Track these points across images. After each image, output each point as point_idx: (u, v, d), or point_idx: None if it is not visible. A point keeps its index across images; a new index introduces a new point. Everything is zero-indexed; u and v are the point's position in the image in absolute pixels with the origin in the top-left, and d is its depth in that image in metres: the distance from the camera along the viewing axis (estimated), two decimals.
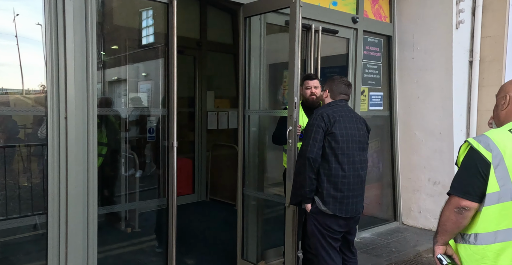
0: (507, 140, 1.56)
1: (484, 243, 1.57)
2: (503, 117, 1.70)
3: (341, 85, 2.75)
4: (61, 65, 2.46)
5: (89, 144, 2.60)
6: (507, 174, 1.52)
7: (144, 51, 4.07)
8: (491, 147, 1.54)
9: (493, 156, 1.52)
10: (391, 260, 3.93)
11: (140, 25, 4.00)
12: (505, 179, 1.52)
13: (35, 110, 2.63)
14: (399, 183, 5.09)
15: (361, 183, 2.69)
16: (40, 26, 2.53)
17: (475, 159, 1.55)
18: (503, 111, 1.70)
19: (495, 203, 1.53)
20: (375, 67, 4.78)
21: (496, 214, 1.54)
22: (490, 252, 1.55)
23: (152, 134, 4.08)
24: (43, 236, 2.59)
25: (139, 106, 4.61)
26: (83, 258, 2.64)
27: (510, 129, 1.60)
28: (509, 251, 1.53)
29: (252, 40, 3.53)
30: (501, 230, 1.54)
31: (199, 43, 5.95)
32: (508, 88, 1.71)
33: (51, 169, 2.48)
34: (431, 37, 4.68)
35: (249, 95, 3.57)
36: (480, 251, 1.57)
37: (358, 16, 4.40)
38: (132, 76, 4.62)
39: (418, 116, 4.87)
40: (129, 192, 4.21)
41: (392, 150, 5.06)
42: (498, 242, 1.54)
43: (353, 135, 2.61)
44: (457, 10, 4.54)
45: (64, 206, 2.53)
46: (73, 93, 2.50)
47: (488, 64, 4.69)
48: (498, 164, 1.52)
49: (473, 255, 1.59)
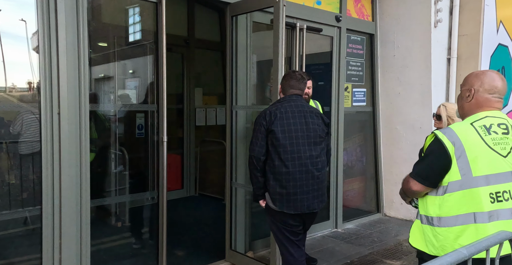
0: (469, 133, 1.69)
1: (446, 225, 1.72)
2: (467, 109, 1.82)
3: (291, 80, 2.68)
4: (53, 62, 2.53)
5: (82, 139, 2.68)
6: (467, 164, 1.66)
7: (133, 48, 4.14)
8: (454, 139, 1.68)
9: (456, 148, 1.67)
10: (372, 249, 4.11)
11: (128, 23, 4.07)
12: (466, 169, 1.67)
13: (29, 107, 2.69)
14: (382, 176, 5.28)
15: (313, 178, 2.57)
16: (24, 22, 2.59)
17: (438, 149, 1.70)
18: (467, 103, 1.82)
19: (457, 190, 1.69)
20: (358, 64, 4.95)
21: (457, 200, 1.69)
22: (451, 233, 1.71)
23: (141, 130, 4.16)
24: (33, 231, 2.69)
25: (127, 103, 4.68)
26: (77, 250, 2.72)
27: (472, 122, 1.73)
28: (467, 233, 1.68)
29: (239, 38, 3.64)
30: (461, 215, 1.69)
31: (187, 41, 6.03)
32: (472, 82, 1.81)
33: (45, 165, 2.56)
34: (411, 35, 4.86)
35: (236, 92, 3.69)
36: (443, 232, 1.73)
37: (342, 15, 4.55)
38: (120, 74, 4.68)
39: (399, 111, 5.06)
40: (119, 187, 4.28)
41: (375, 144, 5.25)
42: (458, 225, 1.70)
43: (298, 130, 2.55)
44: (435, 9, 4.73)
45: (58, 200, 2.61)
46: (66, 89, 2.57)
47: (465, 62, 4.90)
48: (460, 156, 1.66)
49: (437, 236, 1.75)
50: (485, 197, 1.66)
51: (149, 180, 3.94)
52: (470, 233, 1.68)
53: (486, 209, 1.66)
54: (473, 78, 1.82)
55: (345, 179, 4.89)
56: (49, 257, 2.60)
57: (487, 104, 1.77)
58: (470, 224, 1.68)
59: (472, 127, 1.71)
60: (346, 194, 4.92)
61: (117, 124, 4.39)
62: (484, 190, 1.66)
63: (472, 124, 1.72)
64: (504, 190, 1.67)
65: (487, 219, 1.66)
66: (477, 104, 1.78)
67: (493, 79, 1.79)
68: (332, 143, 4.63)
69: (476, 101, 1.78)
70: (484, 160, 1.67)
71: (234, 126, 3.70)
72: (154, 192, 3.29)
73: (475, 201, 1.66)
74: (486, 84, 1.77)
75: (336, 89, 4.62)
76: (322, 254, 3.94)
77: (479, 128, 1.70)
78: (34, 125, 2.61)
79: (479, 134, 1.69)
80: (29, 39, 2.63)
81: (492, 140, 1.68)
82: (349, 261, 3.77)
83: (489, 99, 1.78)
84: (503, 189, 1.67)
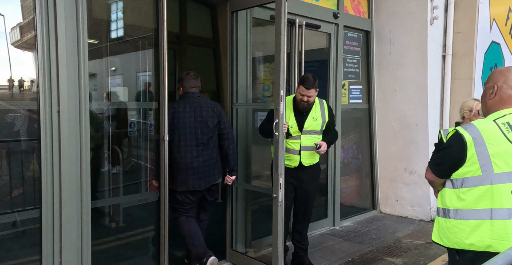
0: (491, 130, 1.69)
1: (462, 218, 1.74)
2: (490, 106, 1.81)
3: (190, 80, 3.21)
4: (52, 59, 2.42)
5: (82, 138, 2.58)
6: (489, 161, 1.67)
7: (132, 45, 4.02)
8: (475, 134, 1.68)
9: (476, 144, 1.67)
10: (372, 246, 4.11)
11: (127, 19, 3.96)
12: (487, 165, 1.67)
13: (27, 105, 2.57)
14: (377, 173, 5.30)
15: (205, 161, 3.14)
16: (2, 16, 2.47)
17: (457, 142, 1.71)
18: (490, 100, 1.80)
19: (477, 185, 1.70)
20: (355, 61, 4.94)
21: (476, 195, 1.71)
22: (467, 227, 1.73)
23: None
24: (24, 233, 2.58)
25: (121, 101, 4.55)
26: (77, 253, 2.62)
27: (495, 119, 1.72)
28: (482, 228, 1.70)
29: (239, 34, 3.58)
30: (479, 209, 1.71)
31: (179, 37, 5.91)
32: (496, 79, 1.78)
33: (44, 164, 2.45)
34: (407, 32, 4.88)
35: (236, 89, 3.62)
36: (459, 225, 1.75)
37: (339, 12, 4.52)
38: (118, 70, 4.56)
39: (395, 108, 5.08)
40: (112, 186, 4.17)
41: (371, 141, 5.26)
42: (474, 219, 1.72)
43: (189, 122, 3.11)
44: (431, 6, 4.75)
45: (58, 201, 2.50)
46: (66, 87, 2.47)
47: (460, 59, 4.94)
48: (481, 152, 1.66)
49: (452, 228, 1.78)
50: (506, 193, 1.66)
51: (146, 179, 3.85)
52: (485, 228, 1.70)
53: (506, 206, 1.66)
54: (497, 74, 1.79)
55: (341, 177, 4.89)
56: (49, 261, 2.50)
57: (511, 101, 1.74)
58: (486, 220, 1.70)
59: (495, 124, 1.70)
60: (342, 191, 4.91)
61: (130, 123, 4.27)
62: (506, 187, 1.66)
63: (495, 121, 1.71)
64: None
65: (507, 215, 1.67)
66: (501, 101, 1.76)
67: None
68: None
69: (500, 98, 1.76)
70: (507, 157, 1.66)
71: (235, 124, 3.63)
72: (153, 192, 3.20)
73: (496, 197, 1.67)
74: (510, 80, 1.74)
75: (333, 87, 4.60)
76: (322, 252, 3.92)
77: (502, 126, 1.69)
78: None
79: (502, 131, 1.67)
80: (8, 34, 2.51)
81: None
82: (350, 259, 3.76)
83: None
84: None
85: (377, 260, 3.74)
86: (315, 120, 3.33)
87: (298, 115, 3.31)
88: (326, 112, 3.40)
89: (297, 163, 3.32)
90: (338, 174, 4.71)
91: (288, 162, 3.29)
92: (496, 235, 1.68)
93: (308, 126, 3.31)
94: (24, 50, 2.72)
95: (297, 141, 3.29)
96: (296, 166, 3.33)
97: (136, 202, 3.92)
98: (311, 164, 3.38)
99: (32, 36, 2.49)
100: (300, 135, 3.29)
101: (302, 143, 3.29)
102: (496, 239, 1.68)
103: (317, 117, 3.33)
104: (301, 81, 3.25)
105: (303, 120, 3.30)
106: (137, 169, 4.25)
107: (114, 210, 4.06)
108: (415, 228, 4.69)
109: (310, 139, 3.30)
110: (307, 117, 3.31)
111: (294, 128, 3.28)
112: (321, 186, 4.76)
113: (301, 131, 3.29)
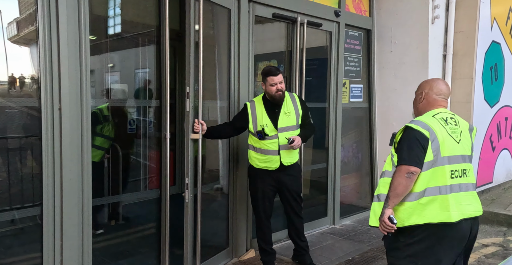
0: (435, 123, 2.09)
1: (415, 199, 2.04)
2: (420, 109, 2.25)
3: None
4: (54, 55, 2.40)
5: (83, 135, 2.56)
6: (438, 147, 2.04)
7: (131, 42, 4.00)
8: (427, 127, 2.04)
9: (430, 134, 2.03)
10: (372, 245, 4.12)
11: (130, 16, 3.94)
12: (437, 151, 2.04)
13: (28, 102, 2.55)
14: (377, 172, 5.30)
15: None
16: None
17: (417, 136, 2.02)
18: (420, 104, 2.25)
19: (429, 168, 2.04)
20: (356, 60, 4.93)
21: (428, 177, 2.04)
22: (419, 205, 2.04)
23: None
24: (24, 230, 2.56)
25: (123, 98, 4.54)
26: (78, 251, 2.61)
27: (433, 115, 2.13)
28: (434, 204, 2.02)
29: (241, 33, 3.56)
30: (429, 188, 2.04)
31: (179, 35, 5.87)
32: (424, 87, 2.25)
33: (46, 161, 2.43)
34: (408, 31, 4.87)
35: (239, 86, 3.61)
36: (413, 205, 2.04)
37: (341, 10, 4.51)
38: (121, 68, 4.55)
39: (395, 107, 5.07)
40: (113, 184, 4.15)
41: (371, 140, 5.26)
42: (425, 196, 2.03)
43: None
44: (433, 5, 4.74)
45: (59, 198, 2.49)
46: (67, 84, 2.44)
47: (461, 58, 4.94)
48: (433, 140, 2.03)
49: (407, 209, 2.05)
50: (448, 173, 2.05)
51: (147, 176, 3.84)
52: (436, 203, 2.02)
53: (448, 183, 2.05)
54: (424, 84, 2.28)
55: (341, 175, 4.88)
56: (50, 259, 2.48)
57: (436, 103, 2.19)
58: (437, 196, 2.03)
59: (435, 119, 2.10)
60: (342, 190, 4.91)
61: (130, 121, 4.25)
62: (448, 168, 2.06)
63: (434, 117, 2.11)
64: (456, 169, 2.08)
65: (449, 190, 2.04)
66: (428, 104, 2.21)
67: (439, 84, 2.23)
68: (330, 139, 4.61)
69: (427, 101, 2.21)
70: (448, 144, 2.06)
71: None
72: (155, 190, 3.19)
73: (442, 176, 2.04)
74: (434, 88, 2.21)
75: (334, 85, 4.59)
76: (322, 251, 3.92)
77: (440, 120, 2.10)
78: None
79: (441, 124, 2.09)
80: (5, 29, 2.50)
81: (450, 129, 2.09)
82: (351, 258, 3.76)
83: (436, 99, 2.20)
84: (456, 168, 2.08)
85: (377, 259, 3.74)
86: (288, 115, 3.19)
87: (270, 114, 3.17)
88: (299, 105, 3.26)
89: (278, 163, 3.18)
90: (338, 172, 4.71)
91: (267, 164, 3.19)
92: (443, 207, 2.02)
93: (282, 123, 3.17)
94: (22, 45, 2.71)
95: (275, 140, 3.15)
96: (277, 167, 3.19)
97: (136, 200, 3.91)
98: (292, 163, 3.25)
99: (30, 32, 2.47)
100: (277, 133, 3.16)
101: (280, 141, 3.14)
102: (441, 211, 2.01)
103: (289, 111, 3.20)
104: (266, 73, 3.14)
105: (276, 117, 3.16)
106: (137, 166, 4.24)
107: (113, 207, 4.05)
108: None
109: (288, 136, 3.14)
110: (280, 114, 3.17)
111: (270, 127, 3.14)
112: (321, 185, 4.77)
113: (277, 129, 3.16)
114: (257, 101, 3.27)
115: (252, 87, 3.79)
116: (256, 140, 3.21)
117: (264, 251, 3.38)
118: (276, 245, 3.82)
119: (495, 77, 5.39)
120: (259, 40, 3.96)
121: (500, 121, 5.68)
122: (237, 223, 3.69)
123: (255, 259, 3.68)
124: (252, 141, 3.28)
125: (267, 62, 4.34)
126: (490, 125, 5.41)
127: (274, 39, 4.36)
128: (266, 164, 3.20)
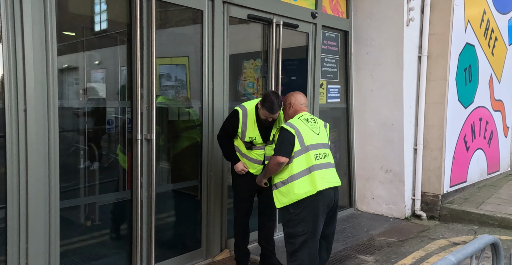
0: (299, 123, 2.85)
1: (290, 181, 2.77)
2: (290, 115, 3.00)
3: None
4: (18, 56, 2.37)
5: (50, 137, 2.54)
6: (302, 139, 2.78)
7: (108, 40, 3.95)
8: (293, 127, 2.79)
9: (295, 131, 2.78)
10: (346, 244, 4.17)
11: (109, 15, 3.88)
12: (302, 142, 2.78)
13: None
14: (355, 171, 5.37)
15: None
16: None
17: (287, 135, 2.77)
18: (290, 111, 3.02)
19: (299, 155, 2.77)
20: (333, 61, 4.98)
21: (298, 163, 2.77)
22: (292, 187, 2.76)
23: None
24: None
25: (98, 97, 4.48)
26: (45, 254, 2.59)
27: (299, 117, 2.91)
28: (303, 184, 2.74)
29: (216, 33, 3.56)
30: (298, 172, 2.76)
31: None
32: (290, 99, 3.03)
33: (10, 163, 2.40)
34: (384, 33, 4.94)
35: (212, 88, 3.61)
36: (288, 187, 2.78)
37: (317, 12, 4.54)
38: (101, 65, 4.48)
39: (372, 108, 5.14)
40: (88, 184, 4.10)
41: (348, 140, 5.32)
42: (296, 179, 2.75)
43: None
44: (408, 8, 4.81)
45: (24, 201, 2.46)
46: (33, 85, 2.42)
47: (435, 60, 5.03)
48: (298, 135, 2.77)
49: (283, 192, 2.81)
50: (313, 156, 2.78)
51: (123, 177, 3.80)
52: (306, 179, 2.75)
53: (315, 163, 2.77)
54: (290, 96, 3.06)
55: None
56: (15, 262, 2.46)
57: (300, 109, 2.99)
58: (307, 175, 2.76)
59: (300, 120, 2.89)
60: None
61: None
62: (312, 152, 2.79)
63: (299, 118, 2.90)
64: (320, 153, 2.81)
65: (315, 168, 2.76)
66: (295, 111, 2.99)
67: (301, 96, 3.05)
68: None
69: (294, 109, 3.00)
70: (310, 136, 2.82)
71: (210, 122, 3.63)
72: (127, 191, 3.18)
73: (309, 159, 2.77)
74: (298, 99, 3.01)
75: (311, 86, 4.63)
76: None
77: (304, 120, 2.89)
78: None
79: (304, 123, 2.86)
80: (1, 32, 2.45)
81: (310, 126, 2.86)
82: None
83: (300, 107, 3.00)
84: (319, 152, 2.80)
85: (350, 258, 3.80)
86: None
87: (261, 129, 3.20)
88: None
89: (260, 171, 3.24)
90: None
91: (251, 169, 3.28)
92: (312, 182, 2.73)
93: (271, 138, 3.23)
94: None
95: (261, 152, 3.24)
96: (259, 173, 3.24)
97: (111, 200, 3.87)
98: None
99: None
100: (264, 145, 3.23)
101: (266, 152, 3.23)
102: (311, 185, 2.72)
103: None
104: (265, 104, 3.01)
105: (267, 134, 3.22)
106: (114, 166, 4.19)
107: (89, 208, 4.00)
108: (389, 226, 4.78)
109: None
110: (271, 130, 3.23)
111: (258, 140, 3.20)
112: None
113: (265, 142, 3.24)
114: (249, 111, 3.21)
115: (227, 88, 3.79)
116: (243, 146, 3.25)
117: (239, 250, 3.40)
118: (251, 245, 3.84)
119: (469, 79, 5.50)
120: (243, 39, 3.97)
121: (475, 122, 5.80)
122: (211, 223, 3.69)
123: (229, 259, 3.69)
124: (239, 145, 3.29)
125: (253, 60, 4.33)
126: (464, 126, 5.52)
127: (255, 39, 4.37)
128: (250, 168, 3.28)
